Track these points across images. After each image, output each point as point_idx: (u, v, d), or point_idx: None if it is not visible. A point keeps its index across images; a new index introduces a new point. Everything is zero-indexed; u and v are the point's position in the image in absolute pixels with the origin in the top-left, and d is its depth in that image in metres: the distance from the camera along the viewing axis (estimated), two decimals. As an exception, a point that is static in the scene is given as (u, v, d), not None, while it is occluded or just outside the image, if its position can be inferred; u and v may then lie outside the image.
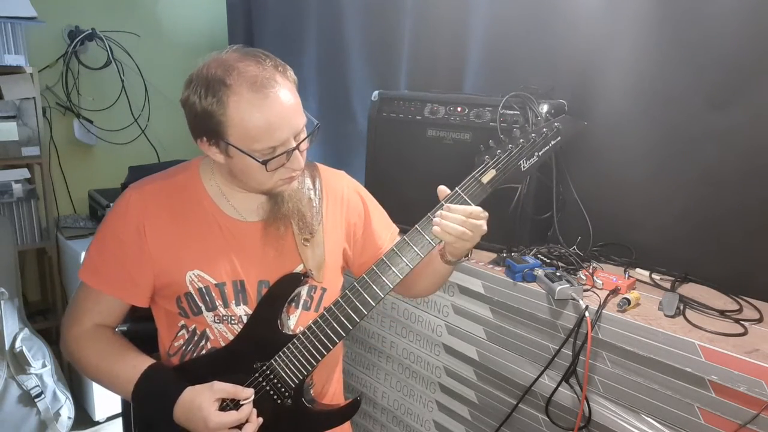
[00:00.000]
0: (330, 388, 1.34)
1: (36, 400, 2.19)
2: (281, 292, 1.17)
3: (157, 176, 1.22)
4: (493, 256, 1.68)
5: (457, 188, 1.12)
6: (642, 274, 1.57)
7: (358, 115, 2.43)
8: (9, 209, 2.43)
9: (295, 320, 1.21)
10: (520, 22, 1.83)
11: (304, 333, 1.15)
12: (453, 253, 1.17)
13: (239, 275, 1.17)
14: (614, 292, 1.40)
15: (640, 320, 1.29)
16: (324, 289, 1.24)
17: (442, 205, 1.11)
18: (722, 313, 1.33)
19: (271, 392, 1.16)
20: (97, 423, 2.54)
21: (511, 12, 1.85)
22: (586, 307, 1.36)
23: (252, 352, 1.16)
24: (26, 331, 2.22)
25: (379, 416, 2.03)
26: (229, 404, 1.12)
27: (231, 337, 1.18)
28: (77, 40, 2.67)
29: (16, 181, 2.41)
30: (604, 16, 1.64)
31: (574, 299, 1.38)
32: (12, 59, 2.32)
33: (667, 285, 1.49)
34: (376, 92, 1.92)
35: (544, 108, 1.59)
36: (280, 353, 1.15)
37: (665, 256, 1.59)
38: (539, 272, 1.48)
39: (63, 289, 2.61)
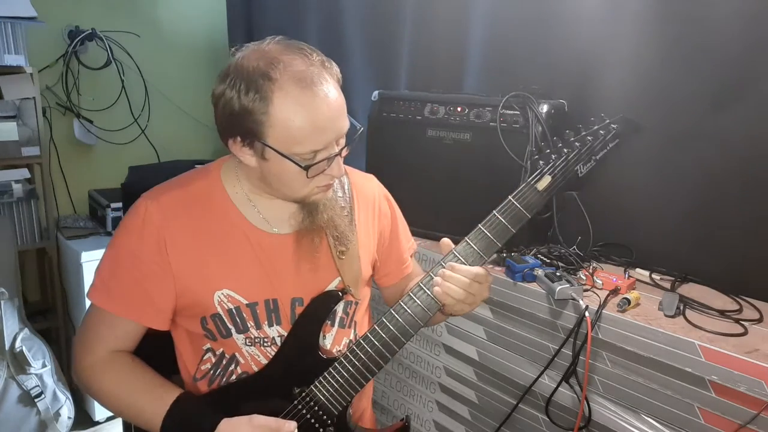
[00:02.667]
0: (365, 409, 1.29)
1: (36, 400, 2.18)
2: (319, 312, 1.09)
3: (172, 184, 1.09)
4: (493, 256, 1.68)
5: (510, 198, 1.01)
6: (642, 274, 1.57)
7: (358, 115, 2.42)
8: (9, 209, 2.43)
9: (331, 339, 1.14)
10: (520, 22, 1.83)
11: (346, 356, 1.06)
12: (452, 311, 1.06)
13: (272, 293, 1.08)
14: (614, 292, 1.40)
15: (640, 320, 1.29)
16: (357, 303, 1.17)
17: (441, 264, 1.02)
18: (722, 313, 1.33)
19: (313, 421, 1.08)
20: (97, 423, 2.54)
21: (511, 12, 1.85)
22: (586, 307, 1.36)
23: (290, 377, 1.08)
24: (26, 331, 2.22)
25: (380, 416, 2.03)
26: None
27: (264, 361, 1.09)
28: (77, 40, 2.66)
29: (16, 181, 2.41)
30: (605, 17, 1.64)
31: (574, 299, 1.38)
32: (12, 59, 2.32)
33: (667, 285, 1.49)
34: (376, 92, 1.92)
35: (544, 108, 1.59)
36: (321, 378, 1.07)
37: (665, 256, 1.59)
38: (539, 272, 1.48)
39: (63, 289, 2.61)
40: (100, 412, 2.52)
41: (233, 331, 1.08)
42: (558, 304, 1.42)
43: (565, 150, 1.03)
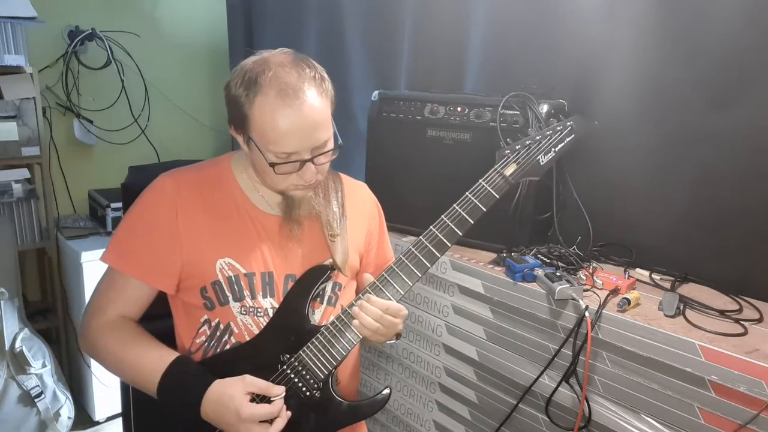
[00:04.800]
0: (352, 384, 1.34)
1: (36, 400, 2.19)
2: (309, 283, 1.19)
3: (188, 167, 1.22)
4: (493, 256, 1.68)
5: (480, 182, 1.17)
6: (642, 274, 1.57)
7: (358, 115, 2.42)
8: (9, 209, 2.43)
9: (320, 315, 1.23)
10: (521, 22, 1.83)
11: (333, 323, 1.16)
12: (368, 340, 1.18)
13: (268, 267, 1.18)
14: (614, 292, 1.40)
15: (640, 320, 1.29)
16: (343, 286, 1.27)
17: (366, 292, 1.15)
18: (722, 313, 1.33)
19: (300, 384, 1.16)
20: (97, 423, 2.54)
21: (512, 12, 1.85)
22: (586, 307, 1.36)
23: (280, 344, 1.16)
24: (26, 331, 2.22)
25: (379, 416, 2.03)
26: (256, 399, 1.10)
27: (256, 330, 1.18)
28: (77, 40, 2.67)
29: (16, 181, 2.41)
30: (605, 17, 1.64)
31: (574, 299, 1.38)
32: (12, 59, 2.32)
33: (667, 285, 1.49)
34: (376, 92, 1.92)
35: (544, 108, 1.59)
36: (309, 344, 1.15)
37: (665, 256, 1.58)
38: (539, 272, 1.48)
39: (63, 289, 2.61)
40: (100, 412, 2.52)
41: (230, 298, 1.17)
42: (558, 304, 1.42)
43: (528, 142, 1.20)
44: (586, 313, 1.35)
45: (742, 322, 1.29)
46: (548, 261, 1.58)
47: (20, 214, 2.46)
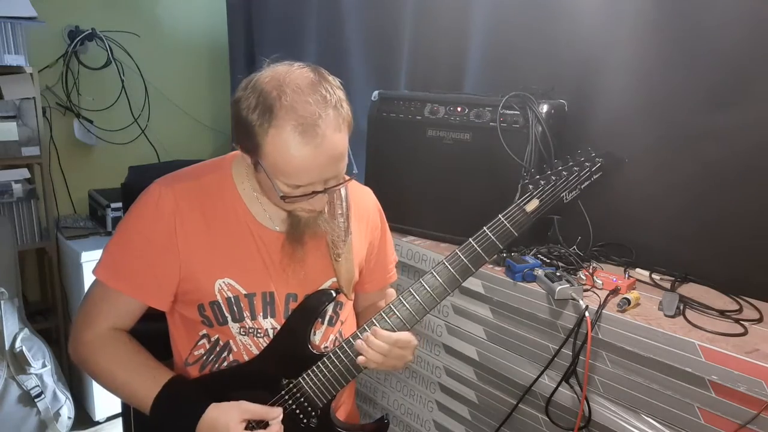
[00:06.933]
0: (346, 400, 1.33)
1: (36, 400, 2.19)
2: (312, 308, 1.15)
3: (186, 174, 1.15)
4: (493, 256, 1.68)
5: (500, 217, 1.09)
6: (642, 274, 1.57)
7: (358, 115, 2.42)
8: (9, 209, 2.43)
9: (320, 335, 1.20)
10: (521, 22, 1.83)
11: (335, 353, 1.12)
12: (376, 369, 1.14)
13: (269, 287, 1.13)
14: (614, 292, 1.40)
15: (640, 320, 1.29)
16: (344, 303, 1.24)
17: (372, 323, 1.11)
18: (722, 313, 1.33)
19: (297, 411, 1.14)
20: (97, 423, 2.54)
21: (512, 12, 1.85)
22: (586, 307, 1.35)
23: (279, 368, 1.13)
24: (26, 331, 2.22)
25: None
26: (255, 426, 1.08)
27: (255, 351, 1.14)
28: (77, 40, 2.67)
29: (16, 181, 2.41)
30: (605, 16, 1.64)
31: (574, 299, 1.38)
32: (12, 59, 2.32)
33: (667, 285, 1.49)
34: (376, 92, 1.92)
35: (544, 108, 1.59)
36: (309, 372, 1.13)
37: (665, 256, 1.58)
38: (539, 272, 1.48)
39: (63, 289, 2.61)
40: (100, 412, 2.52)
41: (229, 319, 1.13)
42: (558, 304, 1.42)
43: (554, 177, 1.12)
44: (586, 313, 1.35)
45: (742, 322, 1.28)
46: (548, 261, 1.58)
47: (20, 214, 2.46)
